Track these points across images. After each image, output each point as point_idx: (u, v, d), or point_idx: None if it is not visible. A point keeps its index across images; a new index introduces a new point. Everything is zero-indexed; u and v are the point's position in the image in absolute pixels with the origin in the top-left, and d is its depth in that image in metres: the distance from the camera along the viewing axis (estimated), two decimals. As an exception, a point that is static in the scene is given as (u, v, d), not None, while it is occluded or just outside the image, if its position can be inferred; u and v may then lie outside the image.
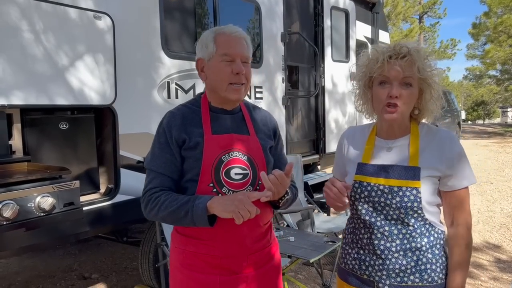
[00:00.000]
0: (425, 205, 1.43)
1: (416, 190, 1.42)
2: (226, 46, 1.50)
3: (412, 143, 1.48)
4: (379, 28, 6.92)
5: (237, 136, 1.55)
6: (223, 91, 1.51)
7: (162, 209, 1.44)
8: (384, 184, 1.46)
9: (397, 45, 1.44)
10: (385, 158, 1.51)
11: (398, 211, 1.44)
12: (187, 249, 1.53)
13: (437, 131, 1.50)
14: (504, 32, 21.14)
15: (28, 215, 2.03)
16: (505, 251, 4.60)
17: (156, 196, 1.47)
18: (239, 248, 1.52)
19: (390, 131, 1.52)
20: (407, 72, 1.40)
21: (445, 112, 12.49)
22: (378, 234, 1.48)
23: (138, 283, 3.55)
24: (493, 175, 9.03)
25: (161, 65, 3.31)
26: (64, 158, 2.80)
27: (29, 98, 2.44)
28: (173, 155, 1.50)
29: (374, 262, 1.51)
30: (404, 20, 28.32)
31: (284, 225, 4.01)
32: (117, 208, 2.99)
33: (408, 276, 1.46)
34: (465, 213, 1.48)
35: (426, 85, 1.44)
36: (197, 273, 1.51)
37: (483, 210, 6.29)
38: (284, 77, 4.74)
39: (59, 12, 2.57)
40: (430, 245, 1.47)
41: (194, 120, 1.54)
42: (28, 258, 4.57)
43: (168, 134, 1.50)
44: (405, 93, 1.42)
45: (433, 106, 1.48)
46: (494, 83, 27.52)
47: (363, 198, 1.51)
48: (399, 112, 1.43)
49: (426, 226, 1.46)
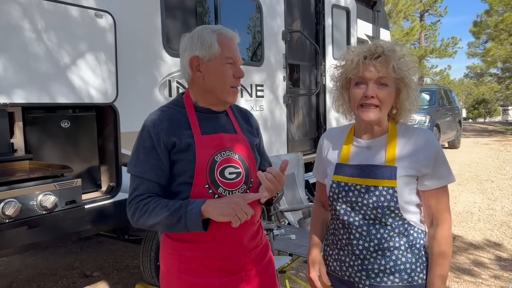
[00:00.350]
0: (402, 204, 1.42)
1: (392, 190, 1.41)
2: (230, 49, 1.50)
3: (389, 143, 1.47)
4: (380, 27, 6.92)
5: (227, 136, 1.53)
6: (223, 93, 1.50)
7: (152, 216, 1.38)
8: (361, 184, 1.46)
9: (372, 45, 1.45)
10: (363, 158, 1.50)
11: (375, 211, 1.43)
12: (183, 254, 1.48)
13: (414, 131, 1.50)
14: (505, 30, 21.08)
15: (30, 213, 2.03)
16: (506, 249, 4.61)
17: (145, 203, 1.40)
18: (236, 248, 1.50)
19: (368, 131, 1.52)
20: (382, 72, 1.41)
21: (446, 110, 12.49)
22: (357, 234, 1.48)
23: (140, 281, 3.56)
24: (494, 173, 9.03)
25: (162, 64, 3.32)
26: (66, 157, 2.80)
27: (31, 96, 2.45)
28: (160, 160, 1.44)
29: (354, 263, 1.50)
30: (405, 18, 28.25)
31: (285, 223, 4.02)
32: (118, 206, 2.99)
33: (387, 276, 1.45)
34: (445, 213, 1.46)
35: (403, 85, 1.44)
36: (196, 278, 1.47)
37: (484, 208, 6.29)
38: (285, 75, 4.74)
39: (61, 11, 2.57)
40: (409, 245, 1.46)
41: (181, 121, 1.49)
42: (29, 256, 4.58)
43: (155, 138, 1.44)
44: (381, 93, 1.42)
45: (411, 105, 1.47)
46: (495, 81, 27.46)
47: (341, 199, 1.50)
48: (376, 112, 1.43)
49: (404, 226, 1.45)
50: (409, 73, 1.44)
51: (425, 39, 31.17)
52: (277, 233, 3.34)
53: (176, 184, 1.47)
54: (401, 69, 1.41)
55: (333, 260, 1.59)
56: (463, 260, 4.30)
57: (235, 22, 4.21)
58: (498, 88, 28.25)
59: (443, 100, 12.70)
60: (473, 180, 8.44)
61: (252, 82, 4.27)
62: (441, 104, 12.28)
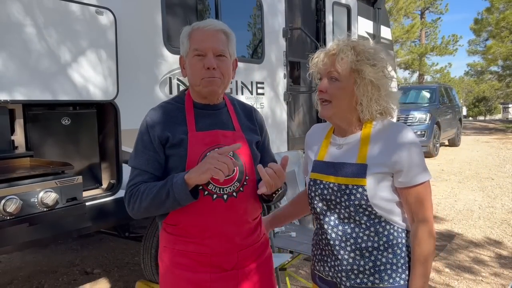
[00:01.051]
0: (375, 202, 1.38)
1: (362, 188, 1.37)
2: (198, 41, 1.48)
3: (362, 141, 1.44)
4: (381, 24, 6.90)
5: (222, 132, 1.53)
6: (198, 86, 1.51)
7: (143, 198, 1.42)
8: (333, 182, 1.44)
9: (334, 41, 1.47)
10: (336, 155, 1.49)
11: (348, 210, 1.41)
12: (176, 248, 1.50)
13: (389, 127, 1.44)
14: (506, 28, 21.05)
15: (31, 210, 2.03)
16: (506, 247, 4.61)
17: (137, 189, 1.45)
18: (228, 245, 1.49)
19: (340, 128, 1.51)
20: (328, 66, 1.42)
21: (446, 108, 12.49)
22: (333, 234, 1.45)
23: (140, 278, 3.56)
24: (494, 171, 9.03)
25: (163, 61, 3.31)
26: (67, 154, 2.80)
27: (32, 93, 2.44)
28: (156, 152, 1.48)
29: (334, 263, 1.48)
30: (405, 15, 28.18)
31: (286, 220, 4.02)
32: (119, 204, 2.99)
33: (367, 277, 1.41)
34: (424, 210, 1.40)
35: (358, 80, 1.40)
36: (187, 272, 1.48)
37: (484, 206, 6.29)
38: (285, 73, 4.74)
39: (61, 7, 2.56)
40: (389, 244, 1.41)
41: (178, 117, 1.52)
42: (30, 253, 4.59)
43: (151, 132, 1.48)
44: (331, 87, 1.42)
45: (373, 103, 1.41)
46: (496, 79, 27.43)
47: (317, 196, 1.49)
48: (328, 108, 1.43)
49: (382, 224, 1.41)
50: (367, 67, 1.38)
51: (425, 36, 31.10)
52: (278, 230, 3.34)
53: None
54: (352, 62, 1.39)
55: (317, 260, 1.58)
56: (463, 258, 4.31)
57: (236, 20, 4.20)
58: (498, 86, 28.21)
59: (444, 98, 12.70)
60: (474, 178, 8.44)
61: (253, 79, 4.27)
62: (441, 102, 12.27)
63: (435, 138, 11.22)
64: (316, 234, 1.60)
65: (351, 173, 1.40)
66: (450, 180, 8.30)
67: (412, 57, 29.80)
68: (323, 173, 1.48)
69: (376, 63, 1.41)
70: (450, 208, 6.26)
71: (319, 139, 1.59)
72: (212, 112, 1.56)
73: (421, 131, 10.70)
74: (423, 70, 31.19)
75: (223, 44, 1.50)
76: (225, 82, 1.54)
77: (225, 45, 1.51)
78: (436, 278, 3.81)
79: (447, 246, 4.65)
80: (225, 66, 1.51)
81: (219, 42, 1.49)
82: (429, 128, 10.77)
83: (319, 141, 1.58)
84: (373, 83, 1.40)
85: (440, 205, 6.42)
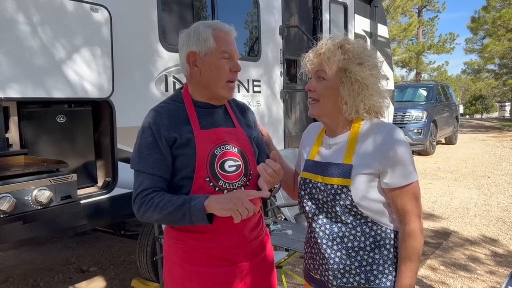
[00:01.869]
0: (361, 203, 1.37)
1: (346, 188, 1.37)
2: (226, 43, 1.51)
3: (349, 140, 1.44)
4: (378, 22, 6.91)
5: (225, 129, 1.56)
6: (219, 88, 1.52)
7: (157, 211, 1.40)
8: (321, 182, 1.45)
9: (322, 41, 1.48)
10: (325, 155, 1.50)
11: (335, 209, 1.41)
12: (186, 243, 1.52)
13: (377, 127, 1.42)
14: (502, 26, 21.10)
15: (25, 208, 2.02)
16: (501, 244, 4.63)
17: (150, 198, 1.42)
18: (238, 238, 1.54)
19: (329, 128, 1.52)
20: (316, 65, 1.43)
21: (443, 106, 12.51)
22: (321, 232, 1.46)
23: (136, 276, 3.56)
24: (490, 169, 9.06)
25: (158, 58, 3.30)
26: (62, 152, 2.79)
27: (26, 91, 2.43)
28: (163, 154, 1.46)
29: (322, 262, 1.49)
30: (402, 13, 28.20)
31: (282, 218, 4.02)
32: (114, 202, 2.99)
33: (353, 277, 1.41)
34: (412, 212, 1.38)
35: (343, 79, 1.40)
36: (198, 267, 1.51)
37: (480, 204, 6.31)
38: (282, 70, 4.73)
39: (56, 4, 2.55)
40: (376, 245, 1.41)
41: (181, 117, 1.52)
42: (26, 251, 4.58)
43: (157, 133, 1.46)
44: (318, 86, 1.43)
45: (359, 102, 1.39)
46: (493, 78, 27.52)
47: (307, 195, 1.51)
48: (316, 107, 1.45)
49: (368, 225, 1.41)
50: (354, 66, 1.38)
51: (422, 35, 31.13)
52: (274, 228, 3.34)
53: (178, 178, 1.49)
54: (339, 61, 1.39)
55: (308, 258, 1.59)
56: (459, 256, 4.32)
57: (232, 17, 4.19)
58: (495, 84, 28.31)
59: (441, 96, 12.72)
60: (470, 176, 8.46)
61: (249, 77, 4.26)
62: (438, 100, 12.29)
63: (432, 136, 11.25)
64: (307, 232, 1.62)
65: (337, 173, 1.41)
66: (446, 178, 8.32)
67: (409, 55, 29.85)
68: (313, 173, 1.50)
69: (363, 61, 1.40)
70: (446, 206, 6.28)
71: (313, 139, 1.60)
72: (212, 110, 1.59)
73: (418, 129, 10.73)
74: (420, 68, 31.24)
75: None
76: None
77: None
78: (432, 276, 3.83)
79: (443, 244, 4.67)
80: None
81: (236, 46, 1.57)
82: (425, 126, 10.79)
83: (312, 140, 1.60)
84: (359, 82, 1.38)
85: (436, 203, 6.44)
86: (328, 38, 1.47)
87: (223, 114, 1.62)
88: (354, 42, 1.44)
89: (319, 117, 1.49)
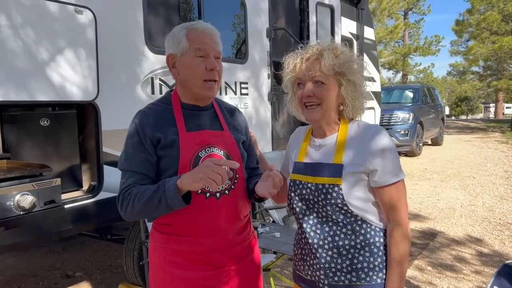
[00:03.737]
0: (351, 202, 1.42)
1: (337, 187, 1.41)
2: (199, 42, 1.50)
3: (338, 141, 1.48)
4: (364, 24, 6.96)
5: (212, 132, 1.56)
6: (197, 88, 1.52)
7: (136, 202, 1.40)
8: (311, 182, 1.48)
9: (308, 46, 1.50)
10: (315, 156, 1.53)
11: (326, 209, 1.44)
12: (168, 247, 1.51)
13: (364, 127, 1.49)
14: (486, 29, 21.41)
15: (7, 214, 1.98)
16: (487, 244, 4.69)
17: (129, 192, 1.43)
18: (221, 242, 1.52)
19: (319, 130, 1.54)
20: (314, 71, 1.45)
21: (429, 107, 12.65)
22: (312, 233, 1.49)
23: (123, 280, 3.52)
24: (476, 170, 9.18)
25: (144, 61, 3.27)
26: (46, 156, 2.74)
27: (9, 94, 2.39)
28: (148, 154, 1.47)
29: (313, 262, 1.51)
30: (389, 16, 28.48)
31: (270, 221, 4.01)
32: (100, 206, 2.95)
33: (345, 275, 1.44)
34: (399, 210, 1.43)
35: (343, 81, 1.46)
36: (180, 270, 1.50)
37: (465, 204, 6.39)
38: (269, 73, 4.73)
39: (39, 6, 2.51)
40: (366, 243, 1.44)
41: (167, 118, 1.53)
42: (10, 257, 4.49)
43: (142, 133, 1.48)
44: (317, 91, 1.45)
45: (356, 101, 1.48)
46: (477, 79, 27.90)
47: (297, 196, 1.53)
48: (317, 111, 1.47)
49: (358, 223, 1.44)
50: (349, 69, 1.45)
51: (409, 37, 31.49)
52: (262, 231, 3.33)
53: (162, 179, 1.47)
54: (337, 65, 1.44)
55: (297, 259, 1.61)
56: (445, 256, 4.36)
57: (219, 19, 4.18)
58: (480, 85, 28.70)
59: (427, 97, 12.87)
60: (456, 176, 8.57)
61: (237, 79, 4.25)
62: (424, 102, 12.43)
63: (418, 137, 11.37)
64: (297, 233, 1.63)
65: (328, 173, 1.44)
66: (432, 178, 8.41)
67: (396, 57, 30.15)
68: (302, 174, 1.52)
69: (354, 64, 1.47)
70: (432, 206, 6.34)
71: (300, 141, 1.63)
72: (200, 113, 1.58)
73: (405, 131, 10.83)
74: (407, 70, 31.57)
75: (219, 46, 1.55)
76: (219, 83, 1.57)
77: (220, 47, 1.56)
78: (419, 276, 3.85)
79: (430, 245, 4.71)
80: (221, 68, 1.56)
81: (217, 45, 1.54)
82: (412, 128, 10.90)
83: (299, 143, 1.62)
84: (355, 83, 1.47)
85: (423, 203, 6.50)
86: (316, 44, 1.49)
87: (211, 116, 1.61)
88: (340, 46, 1.49)
89: (318, 120, 1.50)
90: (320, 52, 1.45)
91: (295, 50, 1.53)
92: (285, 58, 1.54)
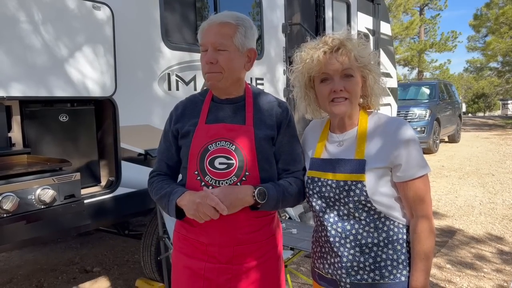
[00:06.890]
0: (375, 198, 1.37)
1: (361, 184, 1.36)
2: (201, 36, 1.52)
3: (359, 136, 1.43)
4: (381, 20, 6.87)
5: (228, 126, 1.52)
6: (206, 81, 1.55)
7: (153, 194, 1.58)
8: (332, 179, 1.42)
9: (328, 38, 1.43)
10: (334, 152, 1.48)
11: (348, 206, 1.39)
12: (181, 232, 1.60)
13: (385, 120, 1.44)
14: (505, 24, 21.00)
15: (29, 208, 2.01)
16: (507, 242, 4.59)
17: (152, 181, 1.61)
18: (224, 238, 1.49)
19: (341, 125, 1.50)
20: (345, 63, 1.39)
21: (446, 104, 12.46)
22: (333, 231, 1.44)
23: (140, 276, 3.54)
24: (495, 167, 9.01)
25: (161, 57, 3.28)
26: (64, 151, 2.77)
27: (28, 90, 2.41)
28: (170, 143, 1.60)
29: (333, 260, 1.46)
30: (404, 12, 28.12)
31: (286, 217, 4.00)
32: (118, 201, 2.97)
33: (368, 274, 1.40)
34: (424, 205, 1.38)
35: (368, 71, 1.42)
36: (186, 256, 1.56)
37: (485, 202, 6.27)
38: (285, 68, 4.70)
39: (58, 3, 2.53)
40: (389, 240, 1.40)
41: (195, 110, 1.58)
42: (29, 252, 4.56)
43: (169, 124, 1.62)
44: (348, 85, 1.40)
45: (378, 89, 1.47)
46: (495, 75, 27.40)
47: (316, 194, 1.48)
48: (346, 105, 1.42)
49: (381, 220, 1.40)
50: (371, 58, 1.43)
51: (424, 33, 31.03)
52: (278, 227, 3.32)
53: (181, 167, 1.61)
54: (362, 57, 1.40)
55: (317, 257, 1.56)
56: (465, 254, 4.29)
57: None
58: (498, 82, 28.21)
59: (443, 94, 12.67)
60: (474, 174, 8.42)
61: (252, 75, 4.24)
62: (441, 98, 12.25)
63: (435, 135, 11.20)
64: (315, 231, 1.58)
65: (349, 169, 1.39)
66: (450, 176, 8.28)
67: (411, 53, 29.76)
68: (321, 171, 1.47)
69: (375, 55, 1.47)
70: (451, 204, 6.24)
71: (316, 136, 1.57)
72: (228, 106, 1.57)
73: (421, 128, 10.67)
74: (422, 67, 31.15)
75: (225, 37, 1.48)
76: (226, 75, 1.50)
77: (228, 37, 1.48)
78: (438, 275, 3.79)
79: (449, 242, 4.63)
80: (224, 60, 1.48)
81: (219, 36, 1.47)
82: (429, 125, 10.74)
83: (316, 138, 1.57)
84: (376, 75, 1.45)
85: (441, 201, 6.40)
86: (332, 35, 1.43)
87: (238, 110, 1.56)
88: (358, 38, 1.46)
89: (345, 114, 1.45)
90: (347, 43, 1.39)
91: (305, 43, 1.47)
92: (301, 53, 1.47)
